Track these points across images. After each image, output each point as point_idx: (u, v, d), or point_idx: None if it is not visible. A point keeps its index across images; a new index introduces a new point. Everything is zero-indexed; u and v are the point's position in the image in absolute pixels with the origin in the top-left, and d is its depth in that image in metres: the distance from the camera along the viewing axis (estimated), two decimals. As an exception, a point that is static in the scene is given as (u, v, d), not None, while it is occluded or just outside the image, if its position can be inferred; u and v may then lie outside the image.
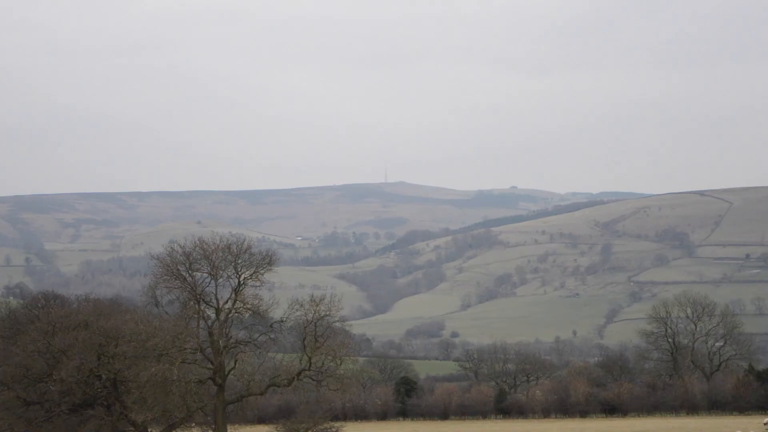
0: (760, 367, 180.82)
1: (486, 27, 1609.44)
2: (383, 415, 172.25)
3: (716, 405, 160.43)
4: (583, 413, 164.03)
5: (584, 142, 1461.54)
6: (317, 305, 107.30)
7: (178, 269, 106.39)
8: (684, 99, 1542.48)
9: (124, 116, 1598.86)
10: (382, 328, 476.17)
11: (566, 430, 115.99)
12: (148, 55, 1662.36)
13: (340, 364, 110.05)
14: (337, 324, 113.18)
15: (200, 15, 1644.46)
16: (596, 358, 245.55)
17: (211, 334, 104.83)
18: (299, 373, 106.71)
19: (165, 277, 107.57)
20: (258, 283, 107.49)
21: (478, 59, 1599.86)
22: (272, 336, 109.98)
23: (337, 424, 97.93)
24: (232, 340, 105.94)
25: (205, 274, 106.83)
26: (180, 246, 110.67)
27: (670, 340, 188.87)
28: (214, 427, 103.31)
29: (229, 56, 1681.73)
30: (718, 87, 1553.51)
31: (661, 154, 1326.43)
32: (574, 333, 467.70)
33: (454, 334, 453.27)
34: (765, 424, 73.32)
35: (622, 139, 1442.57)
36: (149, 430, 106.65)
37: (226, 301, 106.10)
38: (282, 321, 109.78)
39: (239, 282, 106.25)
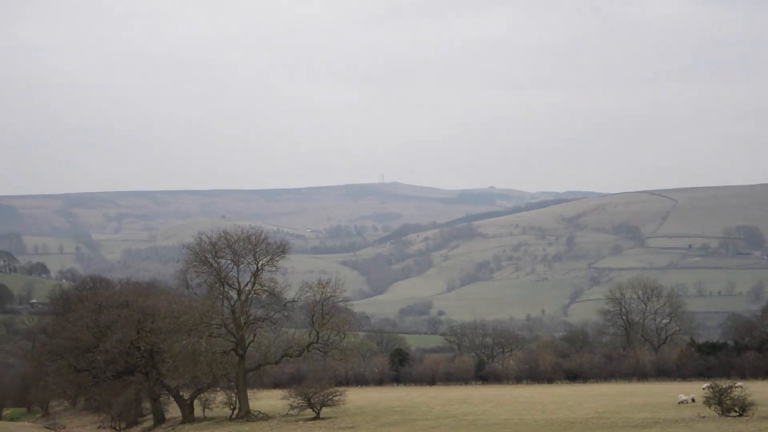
0: (700, 340, 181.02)
1: (470, 52, 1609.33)
2: (380, 381, 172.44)
3: (663, 373, 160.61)
4: (550, 380, 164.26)
5: (551, 149, 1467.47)
6: (324, 287, 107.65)
7: (205, 256, 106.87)
8: (634, 113, 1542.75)
9: (159, 127, 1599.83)
10: (379, 307, 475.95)
11: (535, 393, 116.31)
12: (180, 75, 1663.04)
13: (344, 337, 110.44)
14: (341, 303, 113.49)
15: (232, 39, 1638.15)
16: (561, 333, 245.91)
17: (233, 311, 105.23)
18: (308, 346, 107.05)
19: (194, 263, 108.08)
20: (273, 269, 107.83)
21: (462, 79, 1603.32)
22: (285, 314, 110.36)
23: (340, 389, 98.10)
24: (251, 317, 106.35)
25: (229, 261, 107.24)
26: (207, 237, 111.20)
27: (624, 317, 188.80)
28: (236, 391, 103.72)
29: (252, 78, 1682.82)
30: (661, 104, 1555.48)
31: (618, 159, 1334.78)
32: (543, 311, 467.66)
33: (441, 313, 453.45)
34: (704, 389, 73.89)
35: (583, 146, 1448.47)
36: (181, 393, 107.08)
37: (246, 284, 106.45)
38: (294, 301, 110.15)
39: (257, 267, 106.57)
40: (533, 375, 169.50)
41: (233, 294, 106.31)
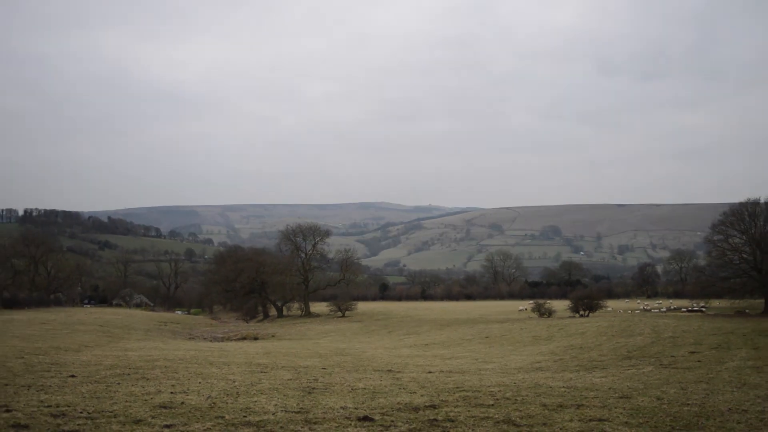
0: (530, 280, 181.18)
1: (422, 137, 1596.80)
2: (374, 299, 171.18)
3: (512, 296, 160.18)
4: (457, 299, 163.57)
5: (461, 182, 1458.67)
6: (347, 252, 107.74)
7: (289, 236, 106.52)
8: (501, 168, 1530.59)
9: (267, 172, 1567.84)
10: (374, 262, 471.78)
11: (449, 306, 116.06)
12: (278, 149, 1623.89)
13: (357, 277, 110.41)
14: (355, 260, 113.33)
15: (301, 127, 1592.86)
16: (463, 277, 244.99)
17: (303, 263, 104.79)
18: (339, 281, 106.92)
19: (284, 240, 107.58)
20: (323, 243, 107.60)
21: (415, 150, 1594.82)
22: (328, 265, 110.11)
23: (354, 302, 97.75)
24: (311, 266, 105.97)
25: (300, 239, 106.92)
26: (290, 227, 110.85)
27: (493, 269, 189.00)
28: (303, 302, 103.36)
29: (313, 153, 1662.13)
30: (508, 163, 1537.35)
31: (494, 190, 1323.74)
32: (454, 265, 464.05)
33: (404, 266, 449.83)
34: (531, 303, 74.14)
35: (474, 184, 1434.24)
36: (277, 303, 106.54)
37: (309, 250, 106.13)
38: (332, 258, 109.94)
39: (315, 242, 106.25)
40: (449, 296, 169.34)
41: (302, 255, 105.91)
